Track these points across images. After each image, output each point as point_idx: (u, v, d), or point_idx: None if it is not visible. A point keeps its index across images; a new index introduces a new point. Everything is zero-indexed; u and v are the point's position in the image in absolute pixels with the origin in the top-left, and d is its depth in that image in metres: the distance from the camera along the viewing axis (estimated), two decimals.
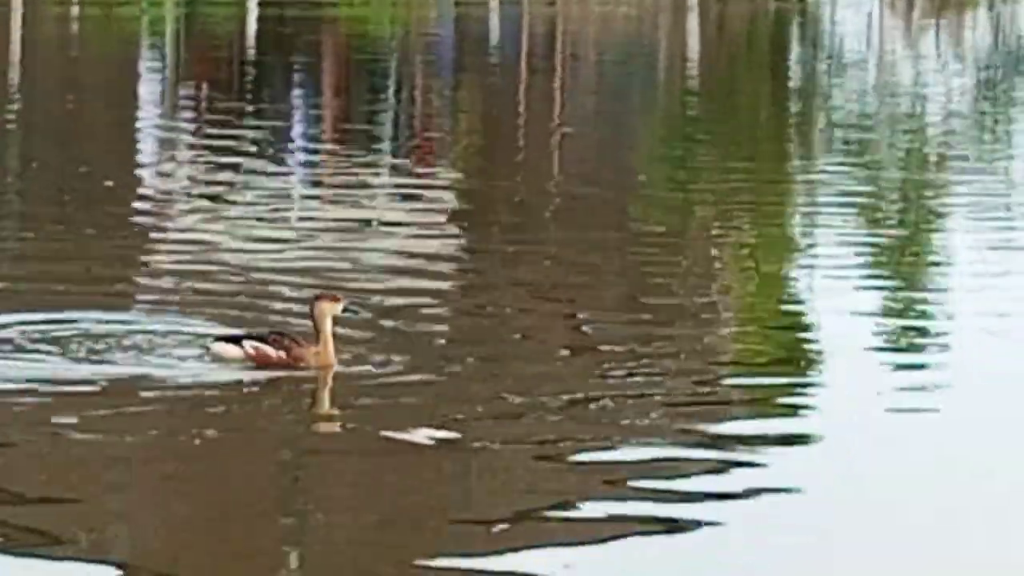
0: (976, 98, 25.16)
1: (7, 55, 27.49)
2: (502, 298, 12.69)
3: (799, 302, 13.24)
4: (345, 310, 9.90)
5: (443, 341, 11.21)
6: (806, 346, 11.69)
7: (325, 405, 9.74)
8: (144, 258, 13.66)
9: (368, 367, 9.77)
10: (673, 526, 7.74)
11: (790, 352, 11.54)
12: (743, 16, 34.56)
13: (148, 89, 24.08)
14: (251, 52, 29.85)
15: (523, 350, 10.96)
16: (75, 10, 38.00)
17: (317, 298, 9.83)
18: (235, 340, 9.95)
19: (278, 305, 11.64)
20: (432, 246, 14.38)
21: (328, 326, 9.67)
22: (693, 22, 32.86)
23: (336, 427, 9.34)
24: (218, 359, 9.96)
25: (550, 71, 27.89)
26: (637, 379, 10.19)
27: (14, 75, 25.68)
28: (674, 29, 32.82)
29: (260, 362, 9.87)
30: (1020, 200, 17.51)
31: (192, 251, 13.65)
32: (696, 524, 7.67)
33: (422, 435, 8.73)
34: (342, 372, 9.68)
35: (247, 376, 9.71)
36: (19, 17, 35.81)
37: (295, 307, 11.37)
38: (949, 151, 20.47)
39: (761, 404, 10.14)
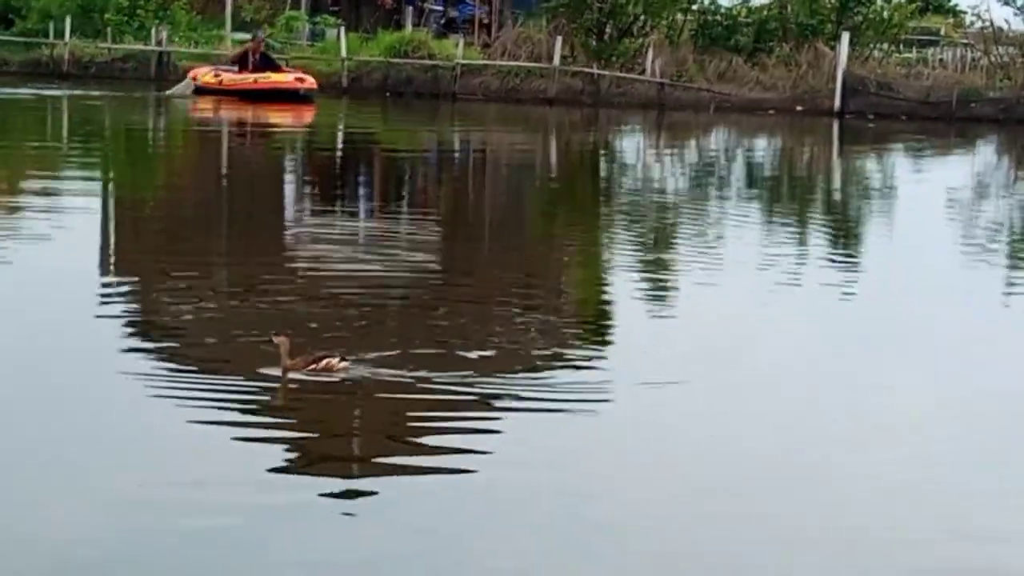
0: (691, 183, 30.25)
1: (219, 166, 30.84)
2: (449, 279, 16.72)
3: (607, 292, 15.80)
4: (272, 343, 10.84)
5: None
6: (606, 322, 14.00)
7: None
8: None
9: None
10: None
11: (596, 322, 14.07)
12: (580, 141, 42.88)
13: (289, 179, 28.67)
14: (339, 159, 34.39)
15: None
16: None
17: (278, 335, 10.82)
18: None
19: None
20: (422, 250, 18.23)
21: (283, 352, 10.84)
22: (553, 145, 40.39)
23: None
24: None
25: (482, 167, 33.46)
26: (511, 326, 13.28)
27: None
28: (543, 148, 39.33)
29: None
30: (727, 232, 20.74)
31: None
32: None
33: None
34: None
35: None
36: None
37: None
38: (680, 204, 24.93)
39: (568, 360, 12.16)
